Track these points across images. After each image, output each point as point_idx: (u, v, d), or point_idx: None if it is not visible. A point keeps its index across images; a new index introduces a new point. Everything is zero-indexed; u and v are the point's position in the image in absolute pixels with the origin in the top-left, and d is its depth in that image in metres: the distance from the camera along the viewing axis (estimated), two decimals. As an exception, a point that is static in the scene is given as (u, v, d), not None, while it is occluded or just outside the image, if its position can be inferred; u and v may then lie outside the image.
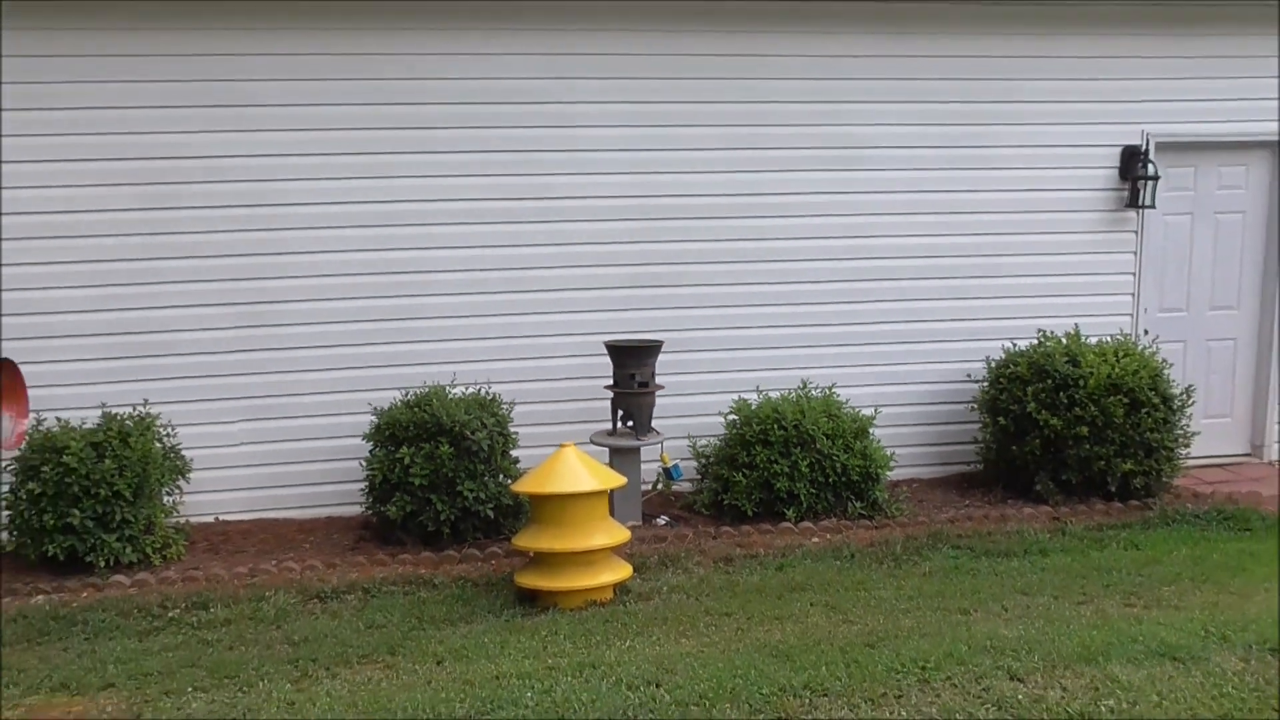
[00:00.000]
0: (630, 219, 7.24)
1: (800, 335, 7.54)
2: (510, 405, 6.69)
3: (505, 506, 6.39)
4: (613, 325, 7.19)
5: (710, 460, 7.03)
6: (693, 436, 7.17)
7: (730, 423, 6.95)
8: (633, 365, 6.65)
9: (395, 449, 6.24)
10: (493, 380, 6.94)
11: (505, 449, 6.46)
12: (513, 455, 6.54)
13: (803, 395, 6.99)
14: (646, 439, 6.72)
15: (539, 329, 7.20)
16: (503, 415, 6.54)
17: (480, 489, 6.25)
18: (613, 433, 6.79)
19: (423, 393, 6.50)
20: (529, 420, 6.92)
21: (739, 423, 6.86)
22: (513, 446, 6.55)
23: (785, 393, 7.02)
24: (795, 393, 7.03)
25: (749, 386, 7.25)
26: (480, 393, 6.69)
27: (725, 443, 6.94)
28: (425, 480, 6.15)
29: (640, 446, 6.70)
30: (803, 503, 6.68)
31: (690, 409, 7.27)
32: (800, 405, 6.81)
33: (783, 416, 6.70)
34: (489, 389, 6.78)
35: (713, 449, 7.05)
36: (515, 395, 6.87)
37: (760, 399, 6.98)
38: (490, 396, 6.66)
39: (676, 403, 7.19)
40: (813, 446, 6.65)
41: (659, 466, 7.14)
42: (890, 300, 7.64)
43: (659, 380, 6.83)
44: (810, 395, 7.00)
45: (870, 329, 7.64)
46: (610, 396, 6.77)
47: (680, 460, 7.15)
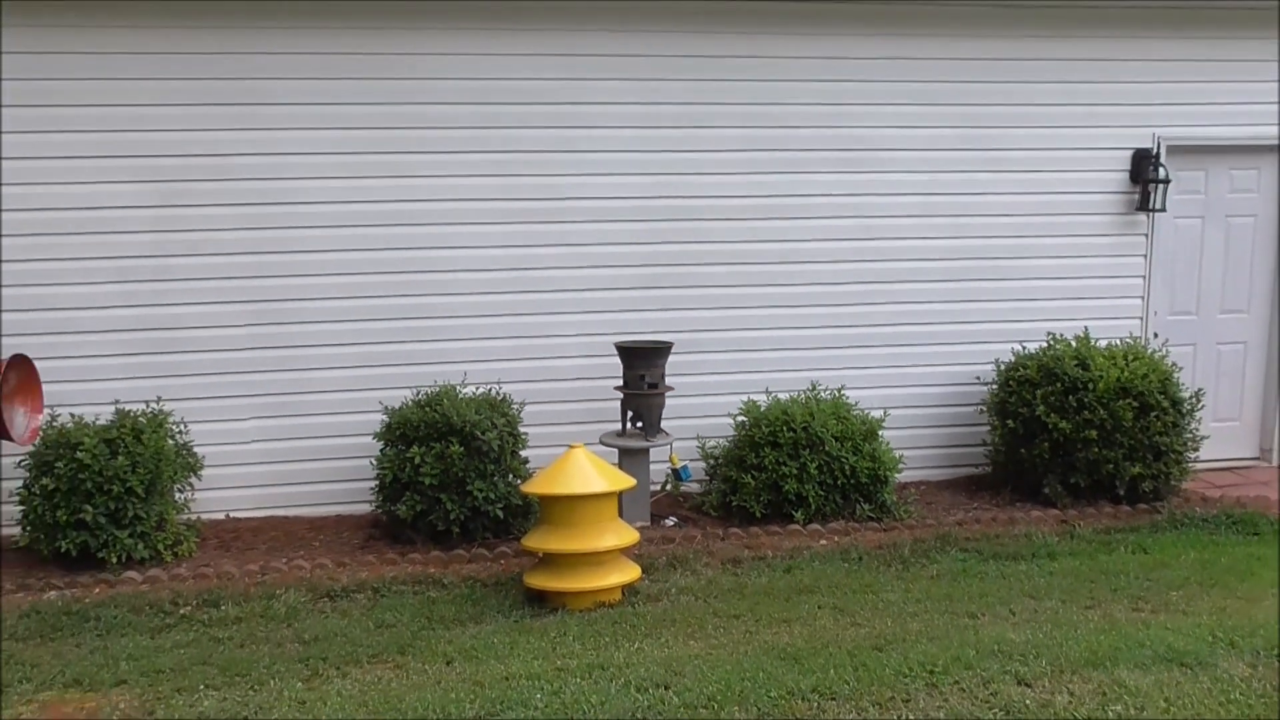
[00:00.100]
0: (641, 220, 7.25)
1: (810, 337, 7.55)
2: (520, 405, 6.71)
3: (514, 506, 6.42)
4: (623, 326, 7.21)
5: (719, 461, 7.04)
6: (702, 437, 7.18)
7: (739, 424, 6.96)
8: (642, 366, 6.67)
9: (406, 448, 6.27)
10: (503, 380, 6.97)
11: (515, 449, 6.49)
12: (522, 455, 6.56)
13: (812, 397, 6.99)
14: (655, 440, 6.74)
15: (549, 329, 7.22)
16: (513, 415, 6.57)
17: (490, 489, 6.27)
18: (622, 433, 6.81)
19: (433, 392, 6.52)
20: (538, 420, 6.94)
21: (748, 424, 6.87)
22: (522, 446, 6.57)
23: (795, 394, 7.03)
24: (804, 394, 7.03)
25: (758, 388, 7.26)
26: (490, 393, 6.71)
27: (734, 444, 6.94)
28: (435, 480, 6.18)
29: (649, 448, 6.72)
30: (811, 505, 6.69)
31: (699, 410, 7.28)
32: (809, 407, 6.82)
33: (792, 418, 6.70)
34: (499, 389, 6.81)
35: (721, 450, 7.05)
36: (525, 395, 6.89)
37: (769, 401, 6.98)
38: (500, 396, 6.69)
39: (686, 403, 7.20)
40: (821, 449, 6.66)
41: (667, 467, 7.16)
42: (900, 302, 7.65)
43: (668, 381, 6.84)
44: (819, 397, 7.00)
45: (880, 331, 7.65)
46: (620, 397, 6.79)
47: (689, 461, 7.17)
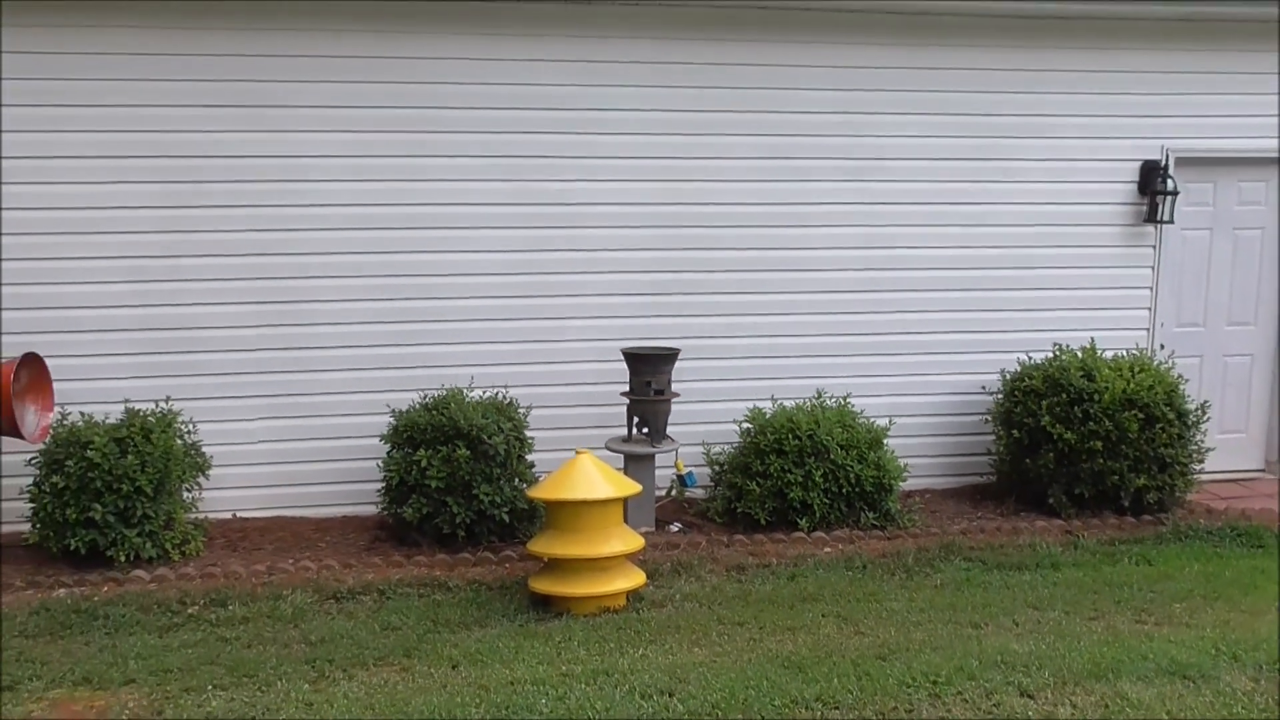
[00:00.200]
0: (650, 226, 7.27)
1: (816, 345, 7.56)
2: (527, 409, 6.74)
3: (520, 510, 6.44)
4: (630, 331, 7.23)
5: (724, 468, 7.05)
6: (707, 444, 7.19)
7: (745, 431, 6.98)
8: (649, 373, 6.69)
9: (413, 451, 6.29)
10: (510, 384, 6.99)
11: (521, 453, 6.51)
12: (528, 460, 6.59)
13: (817, 405, 7.01)
14: (661, 446, 6.76)
15: (556, 334, 7.24)
16: (519, 419, 6.59)
17: (496, 493, 6.29)
18: (628, 439, 6.83)
19: (441, 396, 6.55)
20: (545, 425, 6.96)
21: (753, 431, 6.89)
22: (529, 451, 6.59)
23: (800, 402, 7.05)
24: (810, 402, 7.05)
25: (764, 395, 7.27)
26: (497, 396, 6.74)
27: (739, 451, 6.96)
28: (442, 483, 6.20)
29: (655, 454, 6.74)
30: (816, 512, 6.70)
31: (705, 416, 7.30)
32: (815, 415, 6.83)
33: (797, 426, 6.72)
34: (506, 393, 6.83)
35: (727, 457, 7.07)
36: (532, 399, 6.93)
37: (775, 408, 7.00)
38: (507, 400, 6.72)
39: (691, 410, 7.22)
40: (827, 457, 6.67)
41: (673, 473, 7.19)
42: (907, 311, 7.67)
43: (675, 387, 6.86)
44: (825, 405, 7.02)
45: (886, 339, 7.66)
46: (626, 403, 6.81)
47: (694, 468, 7.19)
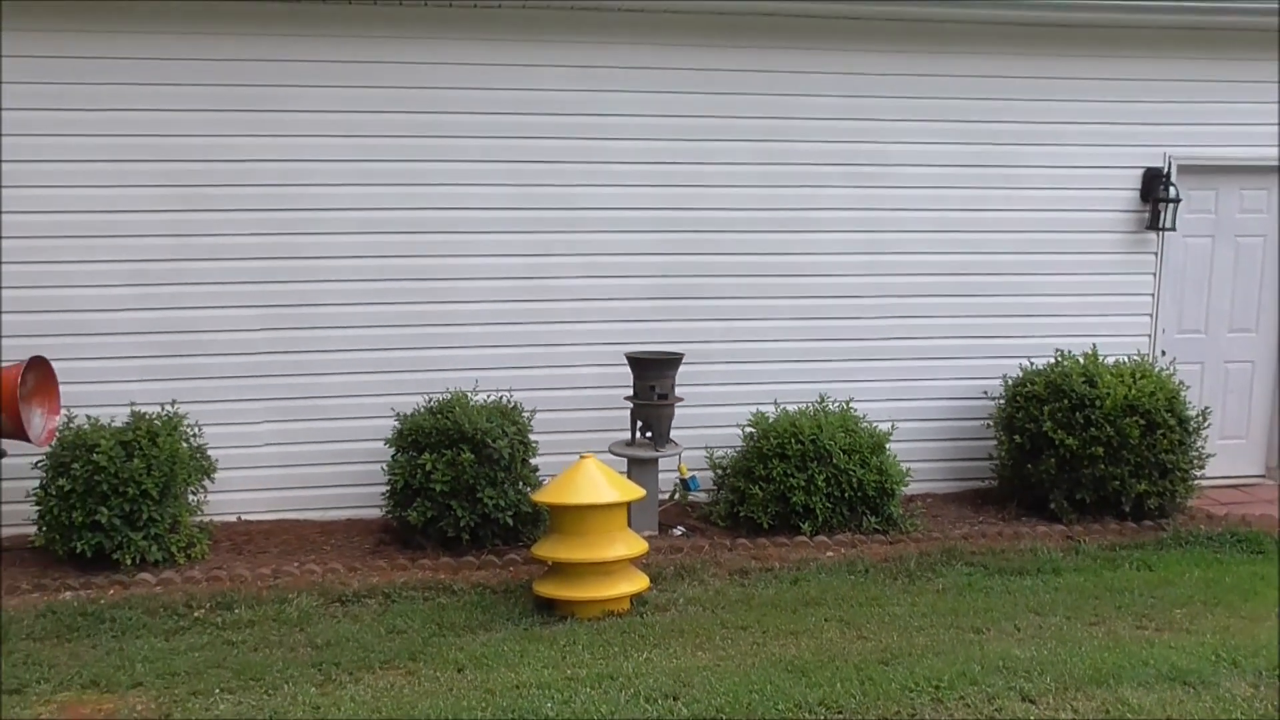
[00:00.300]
0: (654, 231, 7.31)
1: (819, 349, 7.60)
2: (531, 413, 6.77)
3: (524, 514, 6.47)
4: (633, 336, 7.26)
5: (727, 472, 7.09)
6: (710, 448, 7.22)
7: (747, 435, 7.01)
8: (653, 377, 6.72)
9: (417, 455, 6.32)
10: (514, 388, 7.03)
11: (525, 457, 6.55)
12: (532, 463, 6.62)
13: (820, 409, 7.04)
14: (664, 450, 6.79)
15: (561, 338, 7.28)
16: (523, 423, 6.62)
17: (500, 496, 6.33)
18: (631, 443, 6.85)
19: (445, 399, 6.58)
20: (548, 429, 6.99)
21: (756, 436, 6.92)
22: (532, 454, 6.62)
23: (803, 406, 7.07)
24: (813, 407, 7.08)
25: (767, 399, 7.30)
26: (501, 400, 6.78)
27: (742, 455, 6.99)
28: (446, 486, 6.23)
29: (658, 458, 6.77)
30: (818, 516, 6.73)
31: (708, 420, 7.34)
32: (818, 420, 6.86)
33: (800, 430, 6.75)
34: (510, 397, 6.87)
35: (729, 461, 7.10)
36: (536, 403, 6.96)
37: (778, 412, 7.03)
38: (511, 404, 6.75)
39: (694, 414, 7.26)
40: (829, 461, 6.70)
41: (676, 477, 7.22)
42: (909, 316, 7.70)
43: (678, 392, 6.89)
44: (828, 410, 7.05)
45: (889, 344, 7.69)
46: (629, 407, 6.84)
47: (697, 471, 7.22)
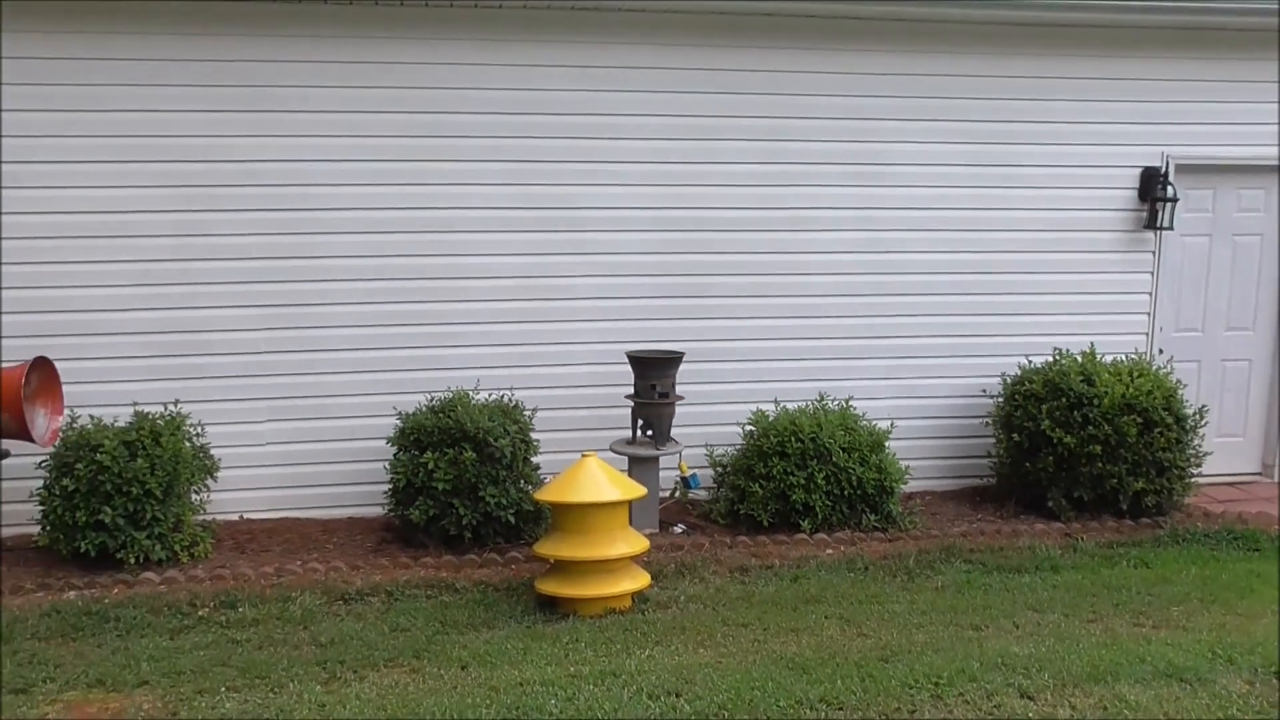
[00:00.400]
0: (655, 230, 7.34)
1: (819, 348, 7.63)
2: (532, 412, 6.80)
3: (526, 512, 6.50)
4: (634, 335, 7.30)
5: (727, 470, 7.12)
6: (710, 446, 7.26)
7: (748, 434, 7.04)
8: (654, 376, 6.76)
9: (419, 453, 6.36)
10: (515, 387, 7.07)
11: (527, 455, 6.58)
12: (534, 462, 6.66)
13: (820, 408, 7.07)
14: (665, 448, 6.83)
15: (562, 337, 7.31)
16: (525, 422, 6.65)
17: (502, 495, 6.36)
18: (632, 441, 6.89)
19: (447, 398, 6.62)
20: (550, 427, 7.03)
21: (756, 434, 6.95)
22: (534, 453, 6.66)
23: (803, 405, 7.11)
24: (813, 405, 7.11)
25: (767, 398, 7.34)
26: (503, 399, 6.81)
27: (742, 453, 7.02)
28: (448, 485, 6.27)
29: (659, 456, 6.81)
30: (818, 514, 6.77)
31: (708, 419, 7.37)
32: (817, 418, 6.90)
33: (800, 429, 6.78)
34: (512, 396, 6.91)
35: (730, 459, 7.14)
36: (537, 402, 6.99)
37: (778, 411, 7.06)
38: (513, 403, 6.78)
39: (695, 412, 7.29)
40: (829, 459, 6.74)
41: (676, 475, 7.25)
42: (908, 315, 7.73)
43: (679, 390, 6.92)
44: (827, 408, 7.08)
45: (888, 343, 7.73)
46: (630, 406, 6.88)
47: (697, 469, 7.26)
